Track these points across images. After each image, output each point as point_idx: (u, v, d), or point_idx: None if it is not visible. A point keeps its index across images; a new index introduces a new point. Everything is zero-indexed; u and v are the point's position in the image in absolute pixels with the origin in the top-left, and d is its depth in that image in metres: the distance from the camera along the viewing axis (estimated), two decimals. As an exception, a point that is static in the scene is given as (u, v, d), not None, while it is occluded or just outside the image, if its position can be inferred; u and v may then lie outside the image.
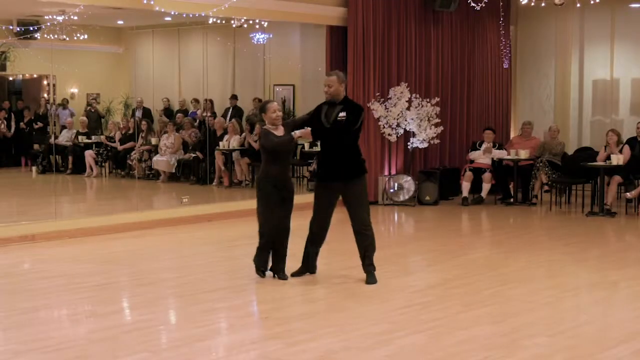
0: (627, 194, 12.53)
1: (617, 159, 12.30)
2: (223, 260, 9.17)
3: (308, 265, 8.07)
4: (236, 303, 7.11)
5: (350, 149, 7.78)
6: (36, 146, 17.85)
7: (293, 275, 7.96)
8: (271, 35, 16.58)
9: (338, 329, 6.22)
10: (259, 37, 16.43)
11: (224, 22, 14.00)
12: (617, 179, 12.51)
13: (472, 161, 14.13)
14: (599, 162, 12.56)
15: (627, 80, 15.17)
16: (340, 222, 8.42)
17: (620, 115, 15.22)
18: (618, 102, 15.27)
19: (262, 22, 15.13)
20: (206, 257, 9.40)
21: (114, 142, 17.11)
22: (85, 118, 17.96)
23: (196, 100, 17.91)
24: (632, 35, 15.06)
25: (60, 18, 14.28)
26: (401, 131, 13.56)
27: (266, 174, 7.81)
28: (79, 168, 17.13)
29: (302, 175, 15.73)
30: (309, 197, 8.22)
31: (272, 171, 7.78)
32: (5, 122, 18.44)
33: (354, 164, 7.82)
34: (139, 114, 17.88)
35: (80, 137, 17.39)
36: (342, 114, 7.67)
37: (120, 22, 17.88)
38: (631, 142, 13.24)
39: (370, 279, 7.81)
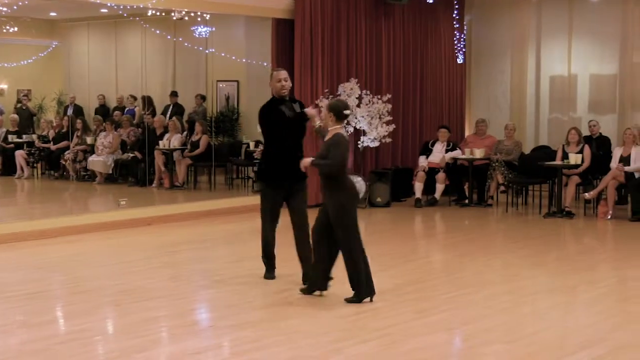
0: (586, 194, 12.53)
1: (575, 159, 12.29)
2: (164, 267, 8.97)
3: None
4: (178, 311, 6.99)
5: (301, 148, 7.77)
6: (-38, 146, 17.52)
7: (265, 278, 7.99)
8: (214, 29, 16.31)
9: (286, 337, 6.14)
10: (201, 30, 16.15)
11: (163, 14, 13.85)
12: (575, 179, 12.49)
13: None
14: (557, 162, 12.50)
15: (585, 77, 15.12)
16: (284, 226, 8.17)
17: (578, 113, 15.19)
18: (576, 99, 15.25)
19: (205, 15, 14.93)
20: (146, 263, 9.18)
21: (48, 141, 16.79)
22: (15, 116, 17.66)
23: (133, 97, 17.68)
24: (590, 30, 15.01)
25: (-13, 10, 14.12)
26: (351, 129, 13.32)
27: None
28: (9, 169, 16.83)
29: (247, 176, 15.60)
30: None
31: None
32: None
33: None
34: (70, 111, 17.62)
35: (10, 136, 17.06)
36: (305, 109, 7.78)
37: (53, 14, 17.74)
38: (587, 140, 13.19)
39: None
